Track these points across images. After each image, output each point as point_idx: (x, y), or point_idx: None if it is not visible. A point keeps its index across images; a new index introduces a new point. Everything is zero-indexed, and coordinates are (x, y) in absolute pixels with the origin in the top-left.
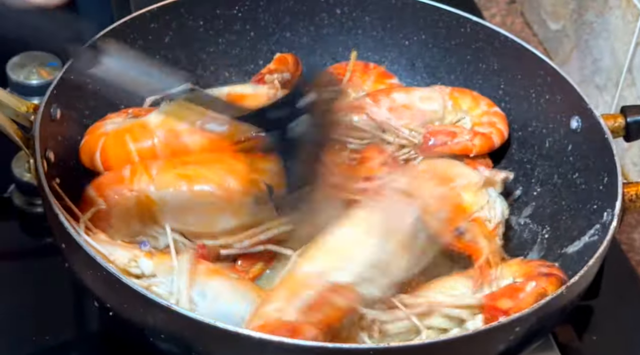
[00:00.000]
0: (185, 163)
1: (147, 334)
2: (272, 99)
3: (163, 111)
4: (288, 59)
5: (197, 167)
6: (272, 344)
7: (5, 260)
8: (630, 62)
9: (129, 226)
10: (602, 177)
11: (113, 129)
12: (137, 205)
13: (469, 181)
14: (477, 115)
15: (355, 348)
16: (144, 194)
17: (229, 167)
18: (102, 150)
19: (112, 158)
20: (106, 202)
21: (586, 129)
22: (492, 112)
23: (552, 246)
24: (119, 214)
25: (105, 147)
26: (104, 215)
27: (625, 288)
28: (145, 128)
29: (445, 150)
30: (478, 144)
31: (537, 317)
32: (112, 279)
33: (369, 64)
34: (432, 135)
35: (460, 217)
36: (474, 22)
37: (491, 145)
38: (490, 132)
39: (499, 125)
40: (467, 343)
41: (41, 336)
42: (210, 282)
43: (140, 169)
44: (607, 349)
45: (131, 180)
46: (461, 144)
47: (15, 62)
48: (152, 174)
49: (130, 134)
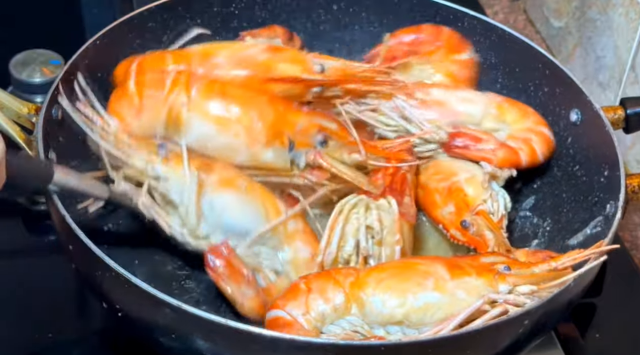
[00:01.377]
0: (224, 94)
1: (157, 333)
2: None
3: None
4: (276, 28)
5: (232, 101)
6: (284, 342)
7: (9, 258)
8: (633, 59)
9: (153, 127)
10: (603, 169)
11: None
12: (167, 115)
13: (472, 175)
14: (517, 129)
15: (366, 344)
16: (176, 110)
17: (262, 112)
18: (139, 66)
19: (147, 74)
20: (139, 97)
21: (586, 121)
22: (536, 130)
23: (554, 239)
24: (147, 113)
25: (142, 62)
26: (137, 110)
27: (628, 285)
28: (185, 55)
29: (466, 153)
30: (500, 156)
31: (544, 310)
32: (121, 279)
33: (442, 28)
34: (457, 136)
35: (465, 210)
36: (472, 16)
37: (515, 161)
38: (519, 148)
39: (534, 144)
40: (477, 337)
41: (44, 334)
42: (219, 194)
43: (181, 85)
44: (609, 346)
45: (170, 91)
46: (483, 152)
47: (18, 60)
48: (191, 93)
49: (171, 55)
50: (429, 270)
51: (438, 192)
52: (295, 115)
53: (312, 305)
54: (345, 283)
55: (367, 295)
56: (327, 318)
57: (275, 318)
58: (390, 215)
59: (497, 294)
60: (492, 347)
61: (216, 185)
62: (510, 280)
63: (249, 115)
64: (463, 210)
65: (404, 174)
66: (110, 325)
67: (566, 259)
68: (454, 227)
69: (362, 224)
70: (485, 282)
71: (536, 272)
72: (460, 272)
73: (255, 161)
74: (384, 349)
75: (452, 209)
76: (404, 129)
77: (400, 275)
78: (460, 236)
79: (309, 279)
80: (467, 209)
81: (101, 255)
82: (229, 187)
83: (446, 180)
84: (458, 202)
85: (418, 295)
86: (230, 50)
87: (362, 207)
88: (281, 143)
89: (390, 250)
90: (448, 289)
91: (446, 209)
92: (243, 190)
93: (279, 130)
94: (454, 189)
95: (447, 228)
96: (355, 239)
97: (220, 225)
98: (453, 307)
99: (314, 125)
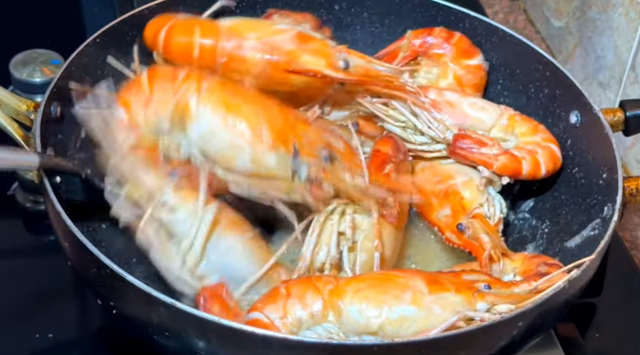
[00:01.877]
0: (235, 93)
1: (151, 331)
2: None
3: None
4: (307, 15)
5: (242, 102)
6: (276, 341)
7: (8, 257)
8: (633, 59)
9: (159, 121)
10: (602, 171)
11: (185, 18)
12: (175, 107)
13: (469, 178)
14: (525, 142)
15: (359, 344)
16: (184, 102)
17: (271, 116)
18: (168, 32)
19: (174, 43)
20: (150, 88)
21: (586, 123)
22: (544, 145)
23: (552, 241)
24: (156, 105)
25: (172, 29)
26: (146, 100)
27: (628, 285)
28: (215, 28)
29: (468, 156)
30: (501, 162)
31: (539, 311)
32: (116, 276)
33: (454, 33)
34: (461, 138)
35: (461, 213)
36: (473, 17)
37: (516, 169)
38: (523, 158)
39: (538, 157)
40: (470, 338)
41: (44, 334)
42: (226, 236)
43: (193, 78)
44: (609, 346)
45: (181, 84)
46: (485, 156)
47: (19, 60)
48: (202, 87)
49: (200, 27)
50: (408, 283)
51: (434, 195)
52: (304, 127)
53: (290, 310)
54: (324, 290)
55: (345, 304)
56: (304, 324)
57: (254, 320)
58: (369, 218)
59: (474, 312)
60: (487, 348)
61: (225, 225)
62: (489, 298)
63: (257, 116)
64: (459, 214)
65: (387, 174)
66: (109, 325)
67: (548, 278)
68: (449, 230)
69: (334, 232)
70: (463, 299)
71: (516, 292)
72: (439, 287)
73: (257, 165)
74: (377, 349)
75: (448, 211)
76: (412, 125)
77: (379, 286)
78: (455, 239)
79: (289, 284)
80: (464, 212)
81: (96, 252)
82: (237, 230)
83: (443, 183)
84: (454, 205)
85: (394, 307)
86: (260, 32)
87: (338, 213)
88: (286, 149)
89: (366, 256)
90: (425, 303)
91: (442, 211)
92: (249, 236)
93: (285, 137)
94: (451, 192)
95: (443, 231)
96: (328, 247)
97: (220, 267)
98: (428, 322)
99: (322, 140)
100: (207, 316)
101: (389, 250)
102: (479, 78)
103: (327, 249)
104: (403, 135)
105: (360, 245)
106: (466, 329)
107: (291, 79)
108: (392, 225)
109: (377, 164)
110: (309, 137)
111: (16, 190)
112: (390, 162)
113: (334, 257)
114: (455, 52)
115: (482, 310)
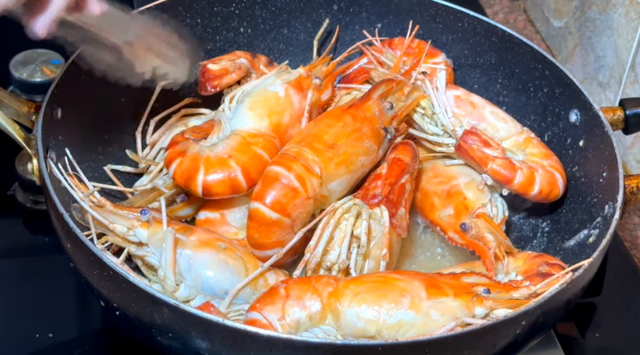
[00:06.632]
0: (336, 153)
1: (154, 332)
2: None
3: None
4: (237, 52)
5: (345, 153)
6: (280, 342)
7: (9, 257)
8: (633, 59)
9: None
10: (602, 170)
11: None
12: (313, 204)
13: (471, 179)
14: (531, 160)
15: (363, 344)
16: (319, 195)
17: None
18: (244, 169)
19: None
20: (290, 218)
21: (585, 122)
22: (548, 170)
23: (553, 239)
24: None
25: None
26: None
27: (628, 285)
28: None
29: (469, 151)
30: (497, 164)
31: (542, 310)
32: (118, 278)
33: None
34: (470, 134)
35: (464, 213)
36: (472, 16)
37: (508, 178)
38: (519, 168)
39: (536, 175)
40: (473, 337)
41: (44, 334)
42: (198, 255)
43: (306, 173)
44: (609, 345)
45: (305, 189)
46: (484, 155)
47: (19, 60)
48: (316, 172)
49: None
50: (407, 287)
51: (437, 195)
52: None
53: (288, 311)
54: (323, 292)
55: (344, 306)
56: (302, 325)
57: (252, 320)
58: (380, 227)
59: (472, 318)
60: (490, 347)
61: (194, 245)
62: (487, 303)
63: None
64: (462, 213)
65: (403, 184)
66: (110, 325)
67: (547, 282)
68: (452, 229)
69: (348, 234)
70: (462, 304)
71: (515, 297)
72: (438, 292)
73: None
74: (381, 349)
75: (450, 211)
76: (430, 112)
77: (378, 290)
78: (458, 239)
79: (289, 285)
80: (467, 212)
81: (99, 253)
82: (207, 247)
83: (445, 183)
84: (457, 205)
85: (392, 312)
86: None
87: (354, 214)
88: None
89: (374, 264)
90: (423, 308)
91: (445, 211)
92: (222, 250)
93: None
94: (454, 192)
95: (445, 231)
96: (340, 248)
97: (199, 286)
98: (426, 327)
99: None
100: (211, 317)
101: (393, 256)
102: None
103: (339, 251)
104: (419, 121)
105: (369, 252)
106: (469, 329)
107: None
108: (399, 235)
109: (397, 173)
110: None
111: (16, 190)
112: (408, 172)
113: (344, 262)
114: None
115: (480, 316)
